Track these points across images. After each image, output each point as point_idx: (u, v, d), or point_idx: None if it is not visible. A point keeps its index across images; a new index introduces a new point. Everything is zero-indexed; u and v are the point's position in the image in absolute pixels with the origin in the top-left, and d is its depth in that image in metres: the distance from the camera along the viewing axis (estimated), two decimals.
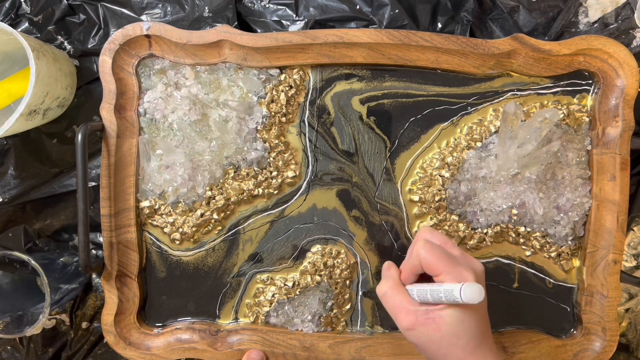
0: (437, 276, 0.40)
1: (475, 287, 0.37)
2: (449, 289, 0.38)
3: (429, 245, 0.40)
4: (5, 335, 0.49)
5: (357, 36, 0.50)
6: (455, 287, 0.37)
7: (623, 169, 0.50)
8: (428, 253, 0.40)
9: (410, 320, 0.40)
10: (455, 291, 0.37)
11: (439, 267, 0.39)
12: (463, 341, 0.39)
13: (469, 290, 0.37)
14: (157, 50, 0.51)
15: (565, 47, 0.50)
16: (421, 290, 0.40)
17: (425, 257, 0.40)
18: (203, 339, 0.53)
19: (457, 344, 0.39)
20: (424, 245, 0.40)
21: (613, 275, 0.50)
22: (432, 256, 0.40)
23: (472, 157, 0.52)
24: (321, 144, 0.53)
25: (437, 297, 0.39)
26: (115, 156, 0.51)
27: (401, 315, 0.41)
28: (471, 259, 0.42)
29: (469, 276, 0.39)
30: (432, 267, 0.40)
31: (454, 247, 0.42)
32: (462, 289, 0.37)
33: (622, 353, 0.56)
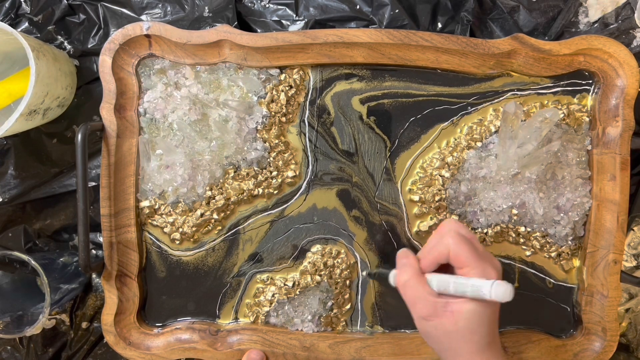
0: (461, 269, 0.40)
1: (506, 287, 0.37)
2: (477, 284, 0.38)
3: (460, 236, 0.41)
4: (5, 335, 0.49)
5: (357, 36, 0.50)
6: (485, 283, 0.38)
7: (623, 169, 0.50)
8: (458, 245, 0.40)
9: (429, 311, 0.40)
10: (485, 288, 0.37)
11: (467, 260, 0.40)
12: (477, 337, 0.39)
13: (501, 289, 0.37)
14: (157, 50, 0.51)
15: (566, 47, 0.50)
16: (443, 281, 0.40)
17: (455, 248, 0.40)
18: (203, 339, 0.53)
19: (472, 339, 0.39)
20: (455, 236, 0.40)
21: (613, 275, 0.50)
22: (462, 248, 0.40)
23: (472, 157, 0.52)
24: (321, 144, 0.53)
25: (461, 290, 0.39)
26: (115, 156, 0.51)
27: (420, 305, 0.41)
28: (492, 257, 0.42)
29: (493, 273, 0.40)
30: (460, 259, 0.40)
31: (478, 244, 0.42)
32: (493, 286, 0.37)
33: (622, 353, 0.56)
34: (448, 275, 0.41)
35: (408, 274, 0.42)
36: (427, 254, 0.42)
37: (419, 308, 0.41)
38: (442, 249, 0.41)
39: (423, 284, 0.41)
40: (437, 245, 0.42)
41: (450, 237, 0.40)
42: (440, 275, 0.41)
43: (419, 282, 0.41)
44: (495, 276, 0.39)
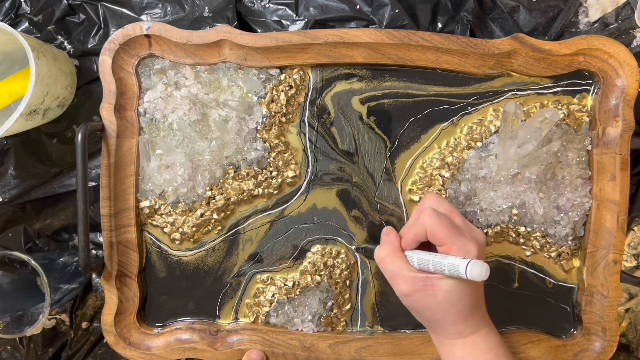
0: (440, 246, 0.41)
1: (482, 266, 0.37)
2: (454, 263, 0.38)
3: (435, 214, 0.41)
4: (5, 335, 0.49)
5: (357, 36, 0.50)
6: (461, 263, 0.37)
7: (623, 169, 0.50)
8: (434, 222, 0.40)
9: (408, 286, 0.41)
10: (461, 267, 0.37)
11: (444, 238, 0.40)
12: (457, 308, 0.40)
13: (476, 268, 0.37)
14: (157, 50, 0.51)
15: (566, 47, 0.50)
16: (422, 259, 0.41)
17: (432, 226, 0.40)
18: (203, 339, 0.53)
19: (452, 311, 0.40)
20: (430, 214, 0.41)
21: (613, 275, 0.50)
22: (438, 226, 0.40)
23: (472, 157, 0.52)
24: (321, 144, 0.53)
25: (439, 269, 0.39)
26: (115, 156, 0.51)
27: (399, 280, 0.41)
28: (474, 229, 0.42)
29: (473, 248, 0.40)
30: (437, 237, 0.40)
31: (458, 216, 0.42)
32: (468, 266, 0.37)
33: (622, 353, 0.56)
34: (427, 253, 0.41)
35: (387, 250, 0.43)
36: (407, 232, 0.43)
37: (397, 284, 0.42)
38: (419, 227, 0.41)
39: (401, 260, 0.42)
40: (414, 224, 0.42)
41: (427, 216, 0.41)
42: (420, 253, 0.41)
43: (396, 258, 0.42)
44: (475, 251, 0.40)
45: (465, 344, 0.41)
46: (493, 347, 0.42)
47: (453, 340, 0.42)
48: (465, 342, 0.41)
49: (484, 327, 0.42)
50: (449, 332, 0.42)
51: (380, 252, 0.44)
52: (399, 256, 0.42)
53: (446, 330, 0.42)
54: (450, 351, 0.42)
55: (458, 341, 0.41)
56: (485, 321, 0.42)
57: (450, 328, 0.41)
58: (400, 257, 0.42)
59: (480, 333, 0.42)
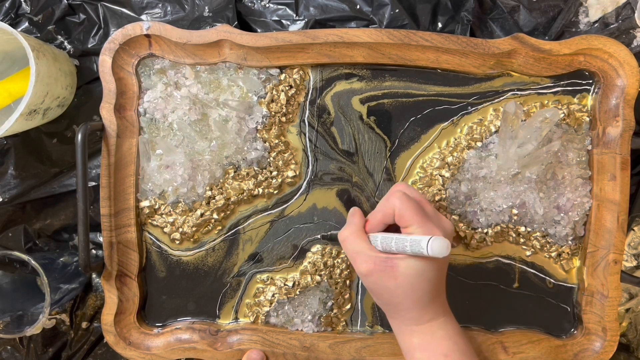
0: (406, 228, 0.41)
1: (443, 242, 0.37)
2: (416, 239, 0.38)
3: (405, 197, 0.41)
4: (5, 335, 0.49)
5: (357, 36, 0.50)
6: (423, 238, 0.37)
7: (623, 169, 0.50)
8: (403, 204, 0.41)
9: (369, 266, 0.41)
10: (423, 242, 0.37)
11: (412, 219, 0.40)
12: (418, 294, 0.40)
13: (437, 243, 0.37)
14: (157, 49, 0.51)
15: (566, 46, 0.50)
16: (386, 238, 0.41)
17: (400, 207, 0.41)
18: (203, 339, 0.53)
19: (411, 295, 0.40)
20: (400, 197, 0.41)
21: (613, 275, 0.50)
22: (407, 207, 0.40)
23: (472, 156, 0.52)
24: (321, 144, 0.53)
25: (401, 246, 0.39)
26: (115, 156, 0.51)
27: (359, 260, 0.41)
28: (442, 218, 0.43)
29: (438, 232, 0.40)
30: (405, 218, 0.40)
31: (427, 205, 0.43)
32: (430, 242, 0.37)
33: (623, 353, 0.56)
34: (391, 233, 0.41)
35: (350, 230, 0.43)
36: (374, 214, 0.43)
37: (358, 263, 0.42)
38: (387, 208, 0.42)
39: (363, 239, 0.42)
40: (384, 205, 0.42)
41: (396, 198, 0.41)
42: (384, 234, 0.41)
43: (358, 238, 0.42)
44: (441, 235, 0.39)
45: (423, 331, 0.41)
46: (452, 335, 0.42)
47: (411, 326, 0.42)
48: (423, 329, 0.41)
49: (442, 315, 0.42)
50: (407, 317, 0.41)
51: (344, 232, 0.44)
52: (361, 236, 0.42)
53: (404, 315, 0.41)
54: (408, 338, 0.42)
55: (416, 327, 0.41)
56: (444, 309, 0.42)
57: (408, 313, 0.41)
58: (363, 238, 0.42)
59: (439, 320, 0.42)
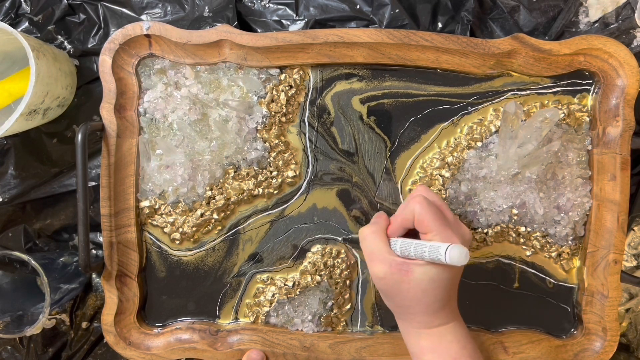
0: (426, 234, 0.40)
1: (462, 250, 0.37)
2: (435, 245, 0.38)
3: (426, 202, 0.41)
4: (5, 335, 0.49)
5: (357, 36, 0.50)
6: (442, 245, 0.37)
7: (623, 169, 0.50)
8: (424, 209, 0.40)
9: (384, 267, 0.40)
10: (441, 249, 0.37)
11: (431, 225, 0.40)
12: (429, 299, 0.40)
13: (456, 251, 0.37)
14: (157, 49, 0.51)
15: (566, 46, 0.50)
16: (406, 243, 0.41)
17: (420, 212, 0.40)
18: (203, 339, 0.53)
19: (423, 300, 0.40)
20: (421, 201, 0.41)
21: (613, 275, 0.50)
22: (426, 213, 0.40)
23: (472, 156, 0.52)
24: (321, 144, 0.53)
25: (420, 252, 0.39)
26: (115, 156, 0.51)
27: (376, 260, 0.41)
28: (462, 225, 0.42)
29: (457, 240, 0.40)
30: (424, 224, 0.40)
31: (448, 211, 0.42)
32: (448, 249, 0.37)
33: (623, 353, 0.56)
34: (411, 239, 0.41)
35: (372, 229, 0.43)
36: (396, 218, 0.43)
37: (374, 263, 0.41)
38: (408, 213, 0.41)
39: (383, 241, 0.42)
40: (403, 210, 0.42)
41: (417, 203, 0.41)
42: (404, 239, 0.41)
43: (378, 238, 0.42)
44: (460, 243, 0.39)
45: (432, 335, 0.41)
46: (460, 339, 0.41)
47: (420, 329, 0.41)
48: (432, 333, 0.41)
49: (452, 320, 0.42)
50: (417, 321, 0.41)
51: (365, 230, 0.43)
52: (382, 237, 0.42)
53: (414, 318, 0.41)
54: (416, 340, 0.42)
55: (425, 331, 0.41)
56: (454, 315, 0.42)
57: (418, 317, 0.41)
58: (383, 239, 0.42)
59: (448, 325, 0.41)
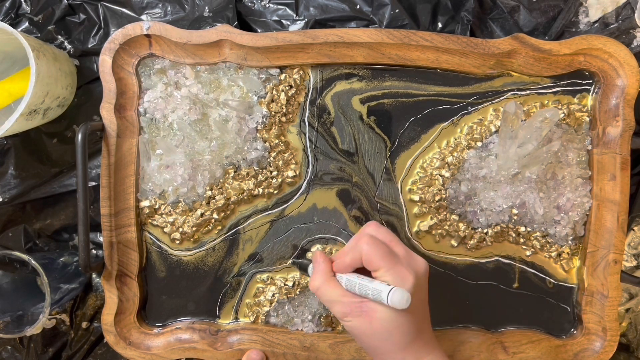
0: (375, 271, 0.40)
1: (402, 294, 0.37)
2: (377, 289, 0.38)
3: (372, 240, 0.40)
4: (5, 335, 0.49)
5: (357, 36, 0.50)
6: (384, 289, 0.37)
7: (623, 169, 0.50)
8: (371, 248, 0.40)
9: (345, 312, 0.40)
10: (383, 293, 0.37)
11: (380, 264, 0.39)
12: (396, 337, 0.39)
13: (397, 295, 0.37)
14: (157, 49, 0.51)
15: (566, 46, 0.50)
16: (350, 281, 0.40)
17: (368, 252, 0.40)
18: (203, 339, 0.53)
19: (389, 339, 0.39)
20: (368, 241, 0.40)
21: (613, 275, 0.50)
22: (374, 252, 0.40)
23: (472, 156, 0.52)
24: (321, 144, 0.53)
25: (364, 292, 0.39)
26: (115, 156, 0.51)
27: (336, 307, 0.41)
28: (415, 258, 0.42)
29: (409, 277, 0.39)
30: (373, 263, 0.40)
31: (398, 245, 0.42)
32: (390, 293, 0.37)
33: (623, 353, 0.56)
34: (356, 275, 0.41)
35: (319, 279, 0.42)
36: (343, 256, 0.42)
37: (335, 310, 0.41)
38: (356, 253, 0.41)
39: (335, 286, 0.42)
40: (352, 249, 0.41)
41: (364, 243, 0.40)
42: (349, 276, 0.41)
43: (330, 285, 0.42)
44: (412, 280, 0.39)
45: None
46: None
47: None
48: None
49: (427, 354, 0.41)
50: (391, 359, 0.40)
51: (314, 282, 0.43)
52: (332, 283, 0.42)
53: (386, 358, 0.40)
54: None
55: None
56: (429, 347, 0.41)
57: (389, 356, 0.40)
58: (334, 284, 0.42)
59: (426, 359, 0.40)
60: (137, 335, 0.53)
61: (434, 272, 0.53)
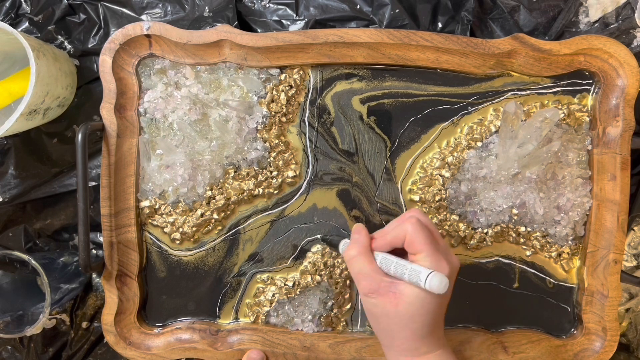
0: (415, 254, 0.40)
1: (442, 279, 0.37)
2: (416, 269, 0.38)
3: (419, 223, 0.40)
4: (5, 335, 0.49)
5: (357, 36, 0.50)
6: (423, 270, 0.37)
7: (623, 169, 0.50)
8: (416, 231, 0.40)
9: (372, 288, 0.40)
10: (422, 275, 0.37)
11: (422, 247, 0.39)
12: (417, 325, 0.39)
13: (437, 279, 0.36)
14: (157, 49, 0.51)
15: (566, 46, 0.50)
16: (386, 259, 0.40)
17: (412, 233, 0.40)
18: (203, 339, 0.53)
19: (410, 325, 0.39)
20: (415, 223, 0.40)
21: (613, 275, 0.50)
22: (419, 234, 0.40)
23: (472, 156, 0.52)
24: (321, 144, 0.53)
25: (400, 272, 0.39)
26: (115, 156, 0.51)
27: (364, 281, 0.41)
28: (452, 254, 0.42)
29: (445, 266, 0.39)
30: (415, 245, 0.40)
31: (440, 238, 0.42)
32: (429, 276, 0.37)
33: (623, 353, 0.56)
34: (393, 256, 0.41)
35: (356, 249, 0.42)
36: (383, 235, 0.42)
37: (363, 285, 0.41)
38: (400, 232, 0.41)
39: (370, 261, 0.41)
40: (395, 228, 0.41)
41: (410, 223, 0.40)
42: (385, 255, 0.41)
43: (365, 258, 0.41)
44: (447, 270, 0.39)
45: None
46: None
47: (407, 357, 0.40)
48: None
49: (439, 348, 0.41)
50: (403, 348, 0.40)
51: (350, 251, 0.43)
52: (368, 257, 0.42)
53: (400, 345, 0.40)
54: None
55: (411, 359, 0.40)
56: (441, 342, 0.41)
57: (404, 343, 0.40)
58: (369, 258, 0.42)
59: (435, 353, 0.40)
60: (137, 335, 0.53)
61: None
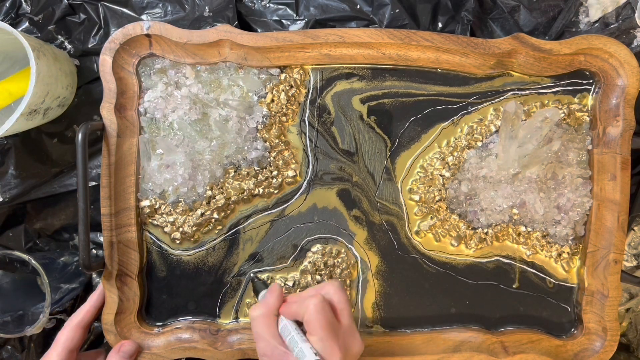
0: (310, 335, 0.40)
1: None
2: (303, 351, 0.38)
3: (321, 305, 0.40)
4: (5, 335, 0.49)
5: (357, 36, 0.50)
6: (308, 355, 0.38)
7: (624, 169, 0.50)
8: (316, 311, 0.40)
9: (266, 353, 0.40)
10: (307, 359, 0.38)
11: (316, 331, 0.39)
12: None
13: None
14: (157, 49, 0.51)
15: (566, 46, 0.50)
16: (286, 328, 0.41)
17: (311, 314, 0.40)
18: (203, 339, 0.53)
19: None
20: (317, 303, 0.40)
21: (614, 275, 0.50)
22: (317, 317, 0.39)
23: (472, 156, 0.52)
24: (321, 144, 0.53)
25: (291, 347, 0.39)
26: (115, 155, 0.51)
27: (260, 343, 0.41)
28: (355, 337, 0.41)
29: (336, 353, 0.39)
30: (310, 326, 0.40)
31: (347, 317, 0.41)
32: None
33: (623, 353, 0.56)
34: (295, 327, 0.41)
35: (261, 310, 0.42)
36: (292, 303, 0.42)
37: (259, 346, 0.41)
38: (300, 308, 0.41)
39: (269, 325, 0.42)
40: (301, 302, 0.41)
41: (312, 303, 0.40)
42: (290, 323, 0.41)
43: (266, 322, 0.42)
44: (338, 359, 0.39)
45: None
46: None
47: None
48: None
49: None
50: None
51: (255, 311, 0.43)
52: (269, 322, 0.42)
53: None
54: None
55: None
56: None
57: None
58: (271, 323, 0.42)
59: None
60: (138, 335, 0.53)
61: (434, 272, 0.53)
